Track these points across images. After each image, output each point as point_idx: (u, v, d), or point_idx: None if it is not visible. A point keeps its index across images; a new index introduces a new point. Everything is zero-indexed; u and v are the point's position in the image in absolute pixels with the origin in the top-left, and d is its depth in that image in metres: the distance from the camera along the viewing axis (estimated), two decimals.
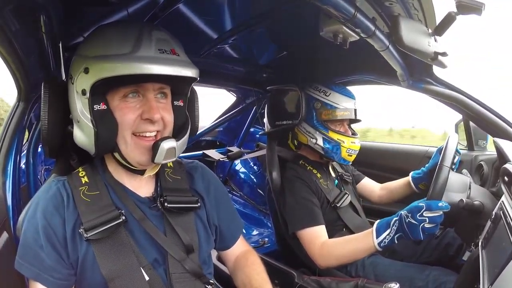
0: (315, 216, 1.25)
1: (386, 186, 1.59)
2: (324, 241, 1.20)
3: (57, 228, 0.70)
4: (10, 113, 1.01)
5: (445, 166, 1.03)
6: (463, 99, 1.27)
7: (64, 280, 0.72)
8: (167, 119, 0.75)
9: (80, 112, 0.71)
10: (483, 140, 1.74)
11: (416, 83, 1.30)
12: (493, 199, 1.02)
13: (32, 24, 0.76)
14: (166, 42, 0.70)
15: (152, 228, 0.76)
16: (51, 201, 0.72)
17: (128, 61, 0.65)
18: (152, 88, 0.72)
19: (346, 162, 1.38)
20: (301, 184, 1.31)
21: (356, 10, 0.69)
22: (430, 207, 0.98)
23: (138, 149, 0.72)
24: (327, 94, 1.36)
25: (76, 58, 0.73)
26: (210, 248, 0.88)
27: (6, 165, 0.98)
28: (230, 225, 0.94)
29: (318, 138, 1.36)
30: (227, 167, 2.69)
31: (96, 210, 0.73)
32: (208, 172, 0.95)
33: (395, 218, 1.05)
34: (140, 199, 0.80)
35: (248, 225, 2.33)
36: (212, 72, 1.58)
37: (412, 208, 1.01)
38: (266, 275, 0.90)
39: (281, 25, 1.12)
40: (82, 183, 0.76)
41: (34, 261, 0.70)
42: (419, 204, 1.00)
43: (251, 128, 2.53)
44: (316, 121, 1.36)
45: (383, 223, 1.08)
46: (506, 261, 0.60)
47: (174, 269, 0.77)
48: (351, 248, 1.13)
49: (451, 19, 0.80)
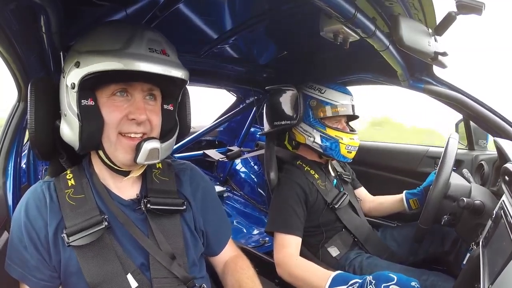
0: (292, 225, 1.22)
1: (377, 199, 1.58)
2: (291, 254, 1.17)
3: (39, 230, 0.70)
4: (10, 113, 1.01)
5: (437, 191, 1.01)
6: (463, 99, 1.27)
7: (47, 281, 0.72)
8: (154, 122, 0.74)
9: (68, 105, 0.71)
10: (484, 140, 1.74)
11: (416, 83, 1.30)
12: (494, 199, 1.02)
13: (32, 24, 0.76)
14: (157, 42, 0.70)
15: (137, 232, 0.75)
16: (34, 203, 0.72)
17: (117, 57, 0.65)
18: (141, 88, 0.72)
19: (346, 159, 1.37)
20: (291, 188, 1.29)
21: (356, 10, 0.69)
22: (401, 284, 0.84)
23: (122, 148, 0.72)
24: (322, 91, 1.35)
25: (70, 53, 0.73)
26: (199, 251, 0.86)
27: (6, 165, 0.98)
28: (217, 231, 0.92)
29: (315, 136, 1.35)
30: (227, 166, 2.69)
31: (81, 213, 0.72)
32: (197, 175, 0.93)
33: (356, 280, 0.92)
34: (123, 202, 0.78)
35: (249, 225, 2.34)
36: (212, 72, 1.57)
37: (380, 276, 0.88)
38: (258, 279, 0.88)
39: (281, 25, 1.12)
40: (68, 186, 0.75)
41: (19, 261, 0.70)
42: (390, 275, 0.87)
43: (251, 128, 2.53)
44: (313, 119, 1.36)
45: (342, 277, 0.98)
46: (507, 260, 0.60)
47: (156, 274, 0.75)
48: (306, 277, 1.08)
49: (451, 19, 0.80)
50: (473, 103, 1.27)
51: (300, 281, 1.10)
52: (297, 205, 1.26)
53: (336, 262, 1.30)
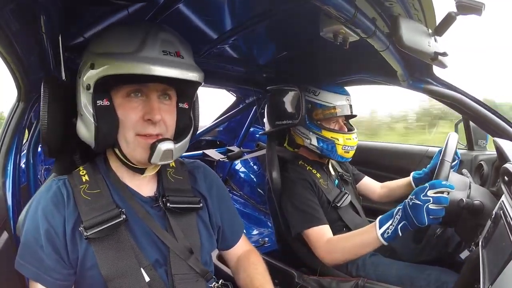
0: (320, 216, 1.25)
1: (386, 185, 1.59)
2: (329, 239, 1.19)
3: (57, 227, 0.70)
4: (10, 113, 1.01)
5: (446, 161, 1.03)
6: (463, 99, 1.28)
7: (63, 280, 0.72)
8: (168, 122, 0.75)
9: (84, 106, 0.72)
10: (483, 140, 1.74)
11: (416, 83, 1.31)
12: (493, 199, 1.02)
13: (32, 24, 0.76)
14: (171, 44, 0.70)
15: (156, 226, 0.76)
16: (51, 200, 0.72)
17: (131, 61, 0.65)
18: (155, 89, 0.73)
19: (344, 159, 1.38)
20: (303, 184, 1.31)
21: (356, 10, 0.69)
22: (434, 186, 0.95)
23: (139, 147, 0.72)
24: (316, 93, 1.36)
25: (86, 53, 0.74)
26: (212, 249, 0.88)
27: (6, 165, 0.98)
28: (232, 225, 0.94)
29: (312, 139, 1.37)
30: (227, 167, 2.69)
31: (97, 208, 0.72)
32: (210, 172, 0.95)
33: (398, 207, 1.02)
34: (142, 198, 0.80)
35: (248, 225, 2.33)
36: (212, 72, 1.57)
37: (416, 190, 0.99)
38: (268, 275, 0.90)
39: (281, 25, 1.12)
40: (83, 181, 0.76)
41: (34, 261, 0.70)
42: (423, 185, 0.98)
43: (251, 128, 2.53)
44: (309, 121, 1.37)
45: (386, 215, 1.06)
46: (507, 260, 0.60)
47: (176, 270, 0.76)
48: (355, 242, 1.11)
49: (451, 19, 0.80)
50: (473, 103, 1.27)
51: (355, 251, 1.11)
52: (314, 198, 1.29)
53: None
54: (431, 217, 0.94)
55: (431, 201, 0.94)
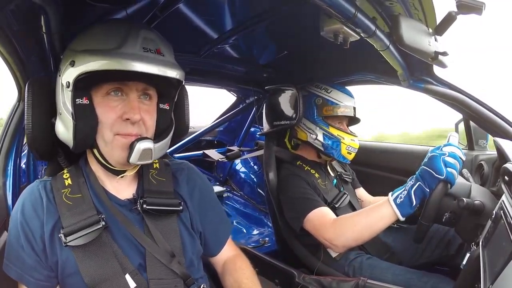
0: (317, 200, 1.24)
1: (377, 200, 1.58)
2: (335, 218, 1.16)
3: (34, 230, 0.70)
4: (10, 113, 1.01)
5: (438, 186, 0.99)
6: (463, 98, 1.27)
7: (44, 281, 0.71)
8: (148, 122, 0.74)
9: (63, 104, 0.71)
10: (483, 140, 1.74)
11: (417, 83, 1.30)
12: (494, 199, 1.02)
13: (32, 24, 0.76)
14: (152, 41, 0.70)
15: (135, 230, 0.75)
16: (31, 203, 0.72)
17: (111, 57, 0.65)
18: (135, 88, 0.72)
19: (345, 160, 1.38)
20: (297, 179, 1.31)
21: (356, 10, 0.69)
22: (449, 144, 1.01)
23: (117, 146, 0.71)
24: (328, 91, 1.39)
25: (66, 51, 0.73)
26: (198, 251, 0.85)
27: (6, 165, 0.98)
28: (215, 233, 0.91)
29: (318, 134, 1.37)
30: (227, 167, 2.69)
31: (77, 213, 0.71)
32: (194, 174, 0.92)
33: (411, 176, 1.04)
34: (120, 202, 0.78)
35: (249, 225, 2.34)
36: (212, 72, 1.57)
37: (431, 149, 1.03)
38: (256, 278, 0.88)
39: (281, 25, 1.12)
40: (65, 185, 0.75)
41: (17, 261, 0.70)
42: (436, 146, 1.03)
43: (251, 128, 2.53)
44: (317, 116, 1.38)
45: (397, 189, 1.06)
46: (507, 260, 0.60)
47: (153, 275, 0.74)
48: (367, 217, 1.07)
49: (451, 19, 0.80)
50: (473, 103, 1.27)
51: (367, 227, 1.07)
52: (309, 189, 1.29)
53: (336, 262, 1.29)
54: (448, 169, 0.96)
55: (446, 154, 0.98)
